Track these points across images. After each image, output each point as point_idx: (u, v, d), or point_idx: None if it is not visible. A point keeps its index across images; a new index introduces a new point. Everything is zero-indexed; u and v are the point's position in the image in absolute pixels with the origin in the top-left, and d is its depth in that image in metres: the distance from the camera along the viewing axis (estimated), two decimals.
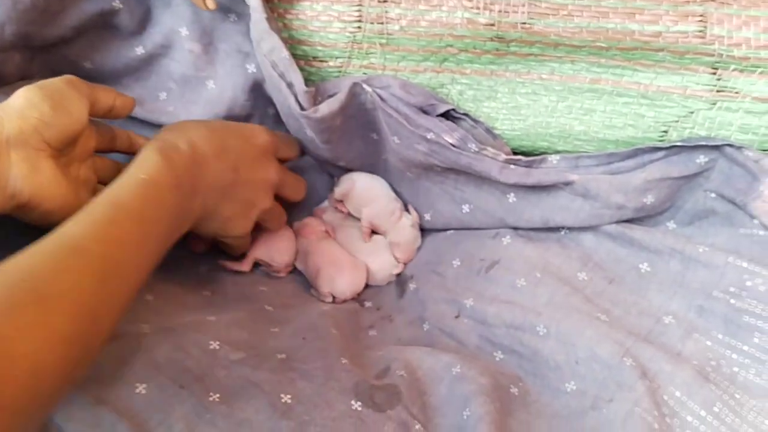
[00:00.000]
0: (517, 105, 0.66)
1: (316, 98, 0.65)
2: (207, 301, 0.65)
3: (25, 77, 0.66)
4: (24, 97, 0.50)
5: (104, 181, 0.57)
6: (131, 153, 0.63)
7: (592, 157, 0.63)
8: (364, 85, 0.64)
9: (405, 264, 0.72)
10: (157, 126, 0.70)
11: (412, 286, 0.69)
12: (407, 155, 0.67)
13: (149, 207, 0.50)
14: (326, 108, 0.63)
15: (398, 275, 0.72)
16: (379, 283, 0.72)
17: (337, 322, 0.62)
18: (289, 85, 0.63)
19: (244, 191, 0.62)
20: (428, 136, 0.63)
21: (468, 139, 0.64)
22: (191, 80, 0.69)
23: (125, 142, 0.63)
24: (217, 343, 0.54)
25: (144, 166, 0.52)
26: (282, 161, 0.68)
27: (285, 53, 0.62)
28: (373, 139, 0.71)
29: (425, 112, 0.65)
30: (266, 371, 0.52)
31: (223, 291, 0.68)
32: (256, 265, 0.73)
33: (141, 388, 0.48)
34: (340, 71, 0.68)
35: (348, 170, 0.75)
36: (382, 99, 0.64)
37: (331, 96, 0.65)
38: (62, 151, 0.53)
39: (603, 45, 0.59)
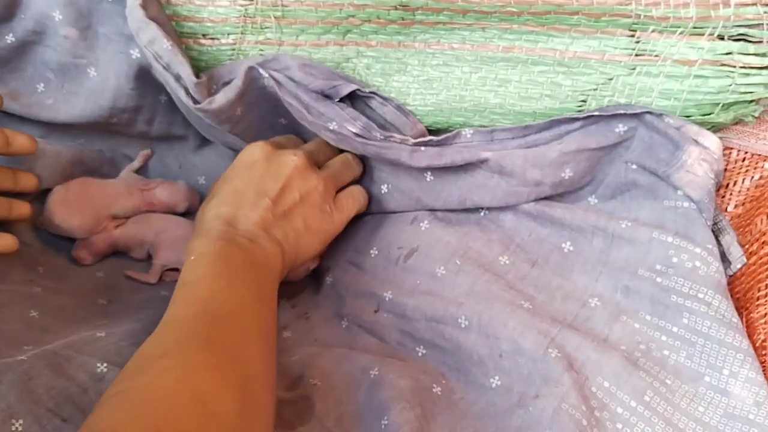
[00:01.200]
0: (429, 78, 0.61)
1: (210, 87, 0.59)
2: (101, 311, 0.59)
3: None
4: None
5: None
6: (9, 154, 0.57)
7: (507, 130, 0.59)
8: (261, 70, 0.59)
9: (320, 257, 0.67)
10: (36, 122, 0.64)
11: (328, 279, 0.64)
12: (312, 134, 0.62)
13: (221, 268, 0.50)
14: (222, 98, 0.57)
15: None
16: (294, 279, 0.67)
17: None
18: (177, 78, 0.57)
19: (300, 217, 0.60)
20: (331, 126, 0.58)
21: (371, 127, 0.58)
22: (70, 69, 0.62)
23: None
24: (105, 365, 0.48)
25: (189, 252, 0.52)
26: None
27: (167, 44, 0.55)
28: (282, 125, 0.65)
29: (327, 96, 0.60)
30: None
31: (120, 299, 0.62)
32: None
33: (17, 425, 0.43)
34: (233, 49, 0.62)
35: None
36: (280, 85, 0.59)
37: (226, 83, 0.59)
38: None
39: (514, 10, 0.55)
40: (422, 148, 0.58)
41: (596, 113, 0.56)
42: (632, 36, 0.55)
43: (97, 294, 0.62)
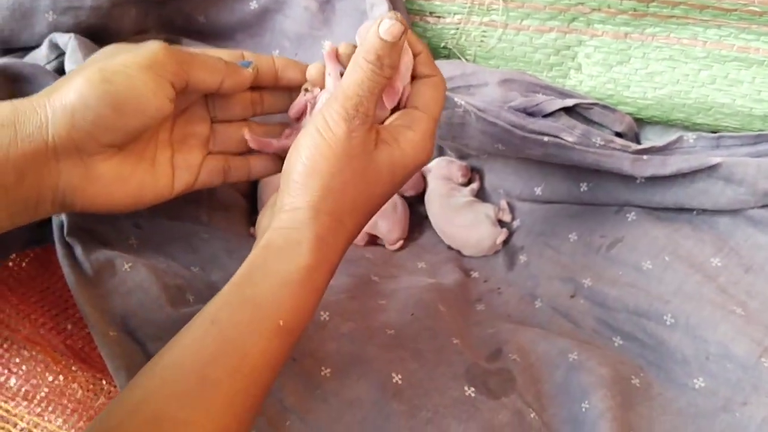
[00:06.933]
0: (652, 71, 0.61)
1: None
2: None
3: (141, 31, 0.66)
4: (78, 92, 0.38)
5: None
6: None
7: (735, 137, 0.57)
8: (457, 99, 0.57)
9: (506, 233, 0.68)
10: None
11: (522, 258, 0.66)
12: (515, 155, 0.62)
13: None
14: None
15: (505, 244, 0.69)
16: (486, 253, 0.68)
17: (443, 297, 0.60)
18: None
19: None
20: (545, 140, 0.57)
21: (590, 133, 0.57)
22: (306, 39, 0.66)
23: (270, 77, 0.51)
24: (327, 313, 0.53)
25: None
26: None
27: None
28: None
29: (531, 114, 0.59)
30: (376, 347, 0.51)
31: None
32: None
33: None
34: (457, 28, 0.64)
35: None
36: (480, 111, 0.58)
37: None
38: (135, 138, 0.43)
39: (756, 9, 0.53)
40: (644, 156, 0.57)
41: None
42: None
43: None
